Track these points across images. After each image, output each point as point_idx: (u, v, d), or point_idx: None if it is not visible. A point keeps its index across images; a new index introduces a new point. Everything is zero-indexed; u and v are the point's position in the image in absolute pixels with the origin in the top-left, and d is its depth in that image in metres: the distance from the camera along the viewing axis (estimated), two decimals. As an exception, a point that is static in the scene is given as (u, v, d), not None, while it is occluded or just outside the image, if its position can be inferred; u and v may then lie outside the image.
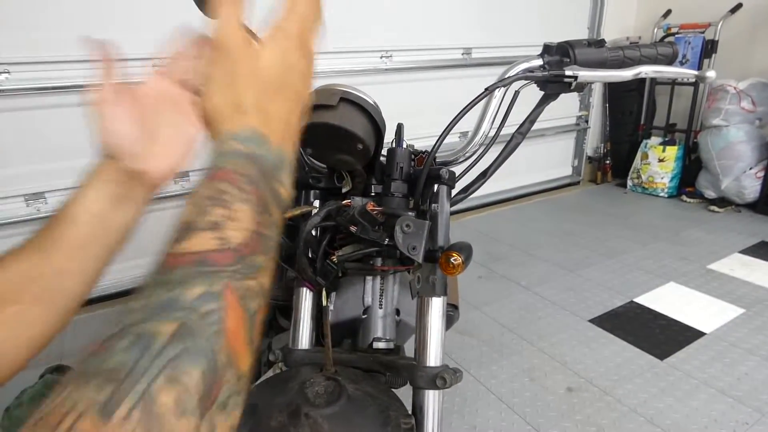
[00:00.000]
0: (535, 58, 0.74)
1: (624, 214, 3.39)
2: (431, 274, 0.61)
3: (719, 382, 1.70)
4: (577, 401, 1.64)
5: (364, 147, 0.66)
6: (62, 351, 1.98)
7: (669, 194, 3.63)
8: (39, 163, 2.12)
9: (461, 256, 0.56)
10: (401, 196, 0.65)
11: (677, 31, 3.55)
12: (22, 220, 2.12)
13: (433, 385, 0.60)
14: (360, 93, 0.69)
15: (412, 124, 1.03)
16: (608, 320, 2.11)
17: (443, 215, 0.62)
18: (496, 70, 0.77)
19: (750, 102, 3.18)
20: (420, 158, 0.71)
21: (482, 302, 2.28)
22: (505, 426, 1.55)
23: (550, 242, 2.95)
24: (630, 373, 1.77)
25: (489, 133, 0.73)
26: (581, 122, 3.97)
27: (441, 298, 0.62)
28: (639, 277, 2.48)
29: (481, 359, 1.88)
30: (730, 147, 3.21)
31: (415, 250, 0.56)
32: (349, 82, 0.75)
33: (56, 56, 2.01)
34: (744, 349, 1.87)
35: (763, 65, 3.29)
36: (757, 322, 2.04)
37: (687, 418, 1.55)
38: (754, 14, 3.28)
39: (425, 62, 3.00)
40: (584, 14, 3.67)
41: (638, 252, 2.76)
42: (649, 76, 0.77)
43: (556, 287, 2.40)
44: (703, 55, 3.38)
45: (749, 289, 2.30)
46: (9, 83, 1.96)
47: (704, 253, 2.70)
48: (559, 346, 1.94)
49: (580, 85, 0.71)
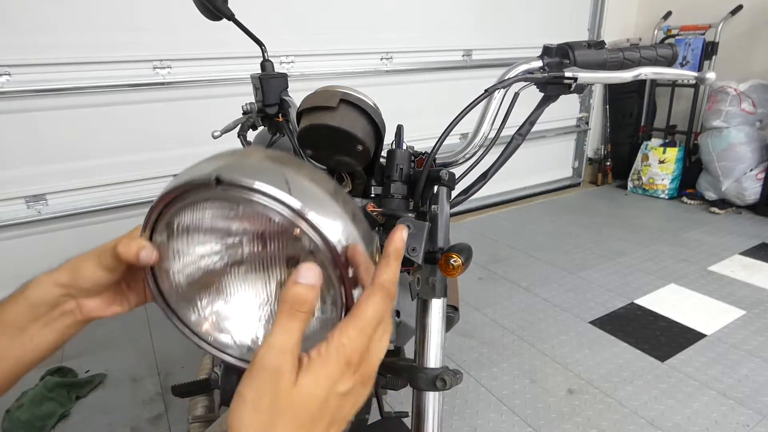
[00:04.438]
0: (535, 59, 0.74)
1: (624, 216, 3.39)
2: (431, 276, 0.61)
3: (720, 384, 1.69)
4: (577, 403, 1.64)
5: (364, 148, 0.66)
6: (62, 353, 1.98)
7: (669, 196, 3.63)
8: (39, 165, 2.12)
9: (461, 257, 0.56)
10: (401, 198, 0.65)
11: (677, 32, 3.55)
12: (22, 221, 2.12)
13: (434, 387, 0.60)
14: (360, 94, 0.69)
15: (412, 125, 1.03)
16: (609, 322, 2.10)
17: (443, 216, 0.62)
18: (496, 71, 0.77)
19: (750, 104, 3.18)
20: (420, 160, 0.71)
21: (483, 304, 2.28)
22: (506, 428, 1.55)
23: (551, 244, 2.95)
24: (631, 375, 1.77)
25: (489, 135, 0.73)
26: (582, 124, 3.97)
27: (441, 299, 0.62)
28: (640, 278, 2.47)
29: (482, 361, 1.87)
30: (731, 149, 3.21)
31: (415, 252, 0.56)
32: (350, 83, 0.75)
33: (57, 58, 2.02)
34: (745, 350, 1.87)
35: (763, 67, 3.29)
36: (758, 324, 2.03)
37: (688, 420, 1.55)
38: (755, 16, 3.28)
39: (425, 64, 3.00)
40: (584, 16, 3.67)
41: (639, 254, 2.75)
42: (649, 77, 0.77)
43: (556, 289, 2.40)
44: (703, 57, 3.38)
45: (750, 291, 2.30)
46: (10, 85, 1.97)
47: (705, 255, 2.69)
48: (560, 348, 1.94)
49: (580, 86, 0.71)
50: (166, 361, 1.93)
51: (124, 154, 2.28)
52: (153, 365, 1.91)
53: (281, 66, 2.53)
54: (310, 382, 0.32)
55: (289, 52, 2.53)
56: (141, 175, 2.33)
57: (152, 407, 1.69)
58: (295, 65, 2.57)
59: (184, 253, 0.44)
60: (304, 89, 0.80)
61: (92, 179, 2.23)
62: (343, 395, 0.34)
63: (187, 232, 0.43)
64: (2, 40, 1.92)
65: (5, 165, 2.06)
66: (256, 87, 0.88)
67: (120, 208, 2.30)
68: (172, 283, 0.46)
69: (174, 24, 2.19)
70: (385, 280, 0.37)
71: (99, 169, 2.24)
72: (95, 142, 2.21)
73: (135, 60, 2.18)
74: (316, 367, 0.33)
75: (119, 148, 2.26)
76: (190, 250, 0.44)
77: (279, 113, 0.89)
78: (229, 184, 0.38)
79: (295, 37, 2.52)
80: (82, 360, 1.93)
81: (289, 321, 0.32)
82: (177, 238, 0.43)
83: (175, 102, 2.33)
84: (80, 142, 2.18)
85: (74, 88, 2.07)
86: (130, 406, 1.70)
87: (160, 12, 2.16)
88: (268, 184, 0.37)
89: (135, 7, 2.12)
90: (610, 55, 0.75)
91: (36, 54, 1.99)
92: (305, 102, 0.69)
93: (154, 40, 2.19)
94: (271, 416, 0.31)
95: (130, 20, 2.13)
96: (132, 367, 1.90)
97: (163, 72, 2.25)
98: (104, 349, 2.01)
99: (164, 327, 2.17)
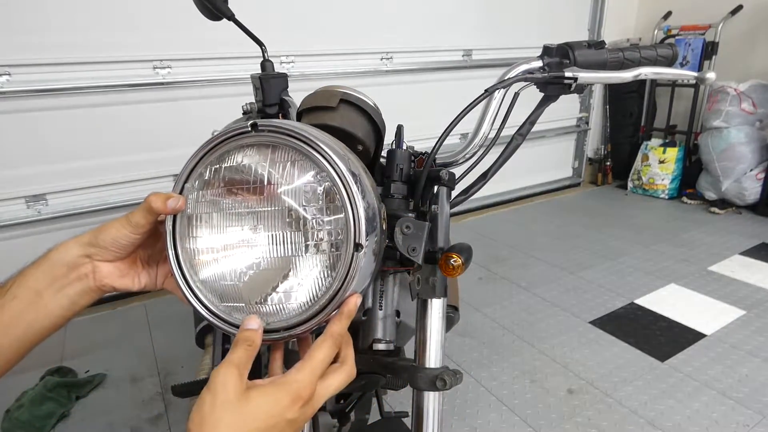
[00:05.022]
0: (535, 59, 0.74)
1: (624, 216, 3.39)
2: (431, 276, 0.61)
3: (720, 384, 1.69)
4: (577, 403, 1.64)
5: (364, 148, 0.66)
6: (62, 353, 1.98)
7: (669, 196, 3.63)
8: (39, 165, 2.12)
9: (461, 257, 0.56)
10: (401, 198, 0.65)
11: (677, 32, 3.55)
12: (22, 221, 2.12)
13: (433, 387, 0.60)
14: (360, 94, 0.69)
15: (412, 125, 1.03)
16: (609, 322, 2.10)
17: (443, 216, 0.62)
18: (496, 71, 0.77)
19: (750, 104, 3.18)
20: (420, 160, 0.71)
21: (483, 304, 2.28)
22: (506, 428, 1.55)
23: (551, 244, 2.95)
24: (631, 375, 1.77)
25: (489, 135, 0.73)
26: (582, 124, 3.97)
27: (441, 299, 0.62)
28: (640, 278, 2.47)
29: (482, 361, 1.87)
30: (731, 149, 3.21)
31: (415, 252, 0.56)
32: (350, 83, 0.75)
33: (57, 59, 2.02)
34: (745, 350, 1.87)
35: (763, 67, 3.29)
36: (758, 324, 2.03)
37: (688, 419, 1.55)
38: (755, 16, 3.28)
39: (425, 64, 3.00)
40: (584, 16, 3.67)
41: (639, 254, 2.76)
42: (649, 77, 0.77)
43: (556, 289, 2.40)
44: (703, 57, 3.38)
45: (750, 291, 2.30)
46: (10, 85, 1.97)
47: (705, 255, 2.69)
48: (560, 348, 1.94)
49: (580, 86, 0.71)
50: (166, 361, 1.93)
51: (124, 154, 2.28)
52: (153, 365, 1.91)
53: (281, 66, 2.53)
54: (259, 398, 0.40)
55: (289, 52, 2.53)
56: (141, 175, 2.33)
57: (152, 407, 1.69)
58: (295, 65, 2.57)
59: (212, 193, 0.49)
60: (304, 89, 0.80)
61: (92, 179, 2.24)
62: (289, 421, 0.41)
63: (219, 175, 0.48)
64: (2, 40, 1.92)
65: (5, 165, 2.06)
66: (256, 87, 0.88)
67: (120, 208, 2.30)
68: (192, 231, 0.49)
69: (174, 24, 2.19)
70: (334, 332, 0.46)
71: (99, 169, 2.24)
72: (95, 142, 2.21)
73: (135, 60, 2.18)
74: (269, 390, 0.41)
75: (119, 148, 2.26)
76: (215, 195, 0.49)
77: (279, 113, 0.88)
78: (266, 127, 0.46)
79: (295, 37, 2.52)
80: (82, 360, 1.93)
81: (240, 350, 0.42)
82: (207, 184, 0.49)
83: (175, 102, 2.33)
84: (80, 142, 2.18)
85: (74, 88, 2.08)
86: (130, 406, 1.70)
87: (160, 12, 2.16)
88: (297, 128, 0.46)
89: (135, 7, 2.12)
90: (610, 55, 0.75)
91: (36, 54, 1.99)
92: (305, 102, 0.69)
93: (154, 40, 2.19)
94: (223, 416, 0.38)
95: (130, 20, 2.13)
96: (132, 367, 1.90)
97: (163, 72, 2.25)
98: (104, 349, 2.01)
99: (164, 327, 2.17)
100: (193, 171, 0.49)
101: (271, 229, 0.48)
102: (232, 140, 0.47)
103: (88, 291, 0.50)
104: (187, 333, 1.80)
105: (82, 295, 0.50)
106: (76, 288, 0.49)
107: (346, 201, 0.45)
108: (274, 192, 0.47)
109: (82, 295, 0.50)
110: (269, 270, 0.48)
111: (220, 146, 0.48)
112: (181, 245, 0.49)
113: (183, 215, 0.49)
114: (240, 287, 0.49)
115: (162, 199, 0.47)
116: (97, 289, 0.51)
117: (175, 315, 2.22)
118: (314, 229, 0.47)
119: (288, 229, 0.48)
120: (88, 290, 0.50)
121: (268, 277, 0.49)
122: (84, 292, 0.50)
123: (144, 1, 2.13)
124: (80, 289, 0.50)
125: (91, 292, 0.51)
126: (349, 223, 0.45)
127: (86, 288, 0.50)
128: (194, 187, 0.49)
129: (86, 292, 0.50)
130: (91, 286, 0.50)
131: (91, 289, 0.50)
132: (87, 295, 0.50)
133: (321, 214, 0.47)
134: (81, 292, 0.50)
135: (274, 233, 0.48)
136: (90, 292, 0.51)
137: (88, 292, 0.50)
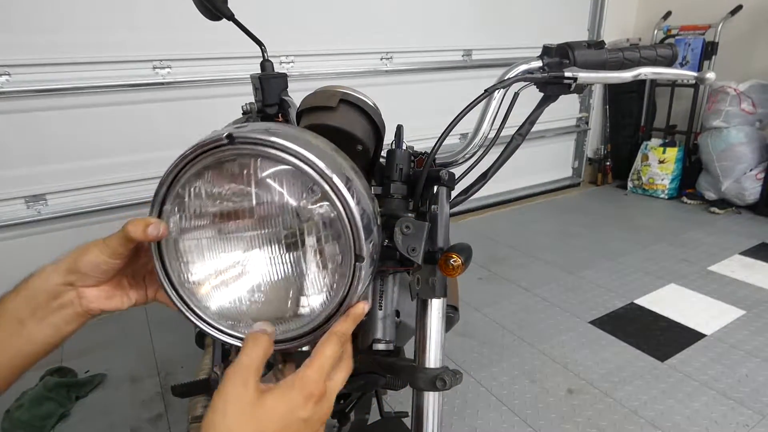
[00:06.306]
0: (535, 59, 0.74)
1: (624, 216, 3.39)
2: (431, 276, 0.61)
3: (720, 384, 1.69)
4: (577, 403, 1.64)
5: (364, 148, 0.66)
6: (62, 353, 1.98)
7: (669, 196, 3.63)
8: (39, 165, 2.12)
9: (461, 257, 0.56)
10: (401, 198, 0.65)
11: (677, 32, 3.55)
12: (22, 222, 2.12)
13: (433, 387, 0.60)
14: (360, 94, 0.69)
15: (412, 125, 1.03)
16: (609, 322, 2.10)
17: (443, 216, 0.62)
18: (496, 71, 0.77)
19: (750, 104, 3.18)
20: (420, 160, 0.71)
21: (482, 304, 2.28)
22: (506, 428, 1.55)
23: (551, 244, 2.95)
24: (630, 374, 1.77)
25: (489, 135, 0.73)
26: (581, 124, 3.97)
27: (441, 299, 0.62)
28: (639, 278, 2.47)
29: (482, 361, 1.87)
30: (731, 149, 3.21)
31: (415, 252, 0.56)
32: (349, 83, 0.75)
33: (57, 58, 2.02)
34: (745, 350, 1.87)
35: (763, 67, 3.29)
36: (758, 324, 2.03)
37: (688, 419, 1.55)
38: (754, 16, 3.28)
39: (425, 64, 3.00)
40: (584, 16, 3.67)
41: (639, 253, 2.75)
42: (649, 77, 0.77)
43: (556, 289, 2.40)
44: (703, 57, 3.38)
45: (750, 291, 2.30)
46: (9, 85, 1.97)
47: (705, 255, 2.69)
48: (560, 348, 1.94)
49: (579, 86, 0.71)
50: (165, 361, 1.93)
51: (124, 154, 2.28)
52: (153, 365, 1.91)
53: (281, 66, 2.53)
54: (273, 401, 0.39)
55: (289, 52, 2.53)
56: (141, 175, 2.32)
57: (152, 407, 1.69)
58: (295, 65, 2.57)
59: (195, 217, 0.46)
60: (304, 89, 0.80)
61: (92, 179, 2.23)
62: (304, 420, 0.40)
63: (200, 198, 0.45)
64: (2, 40, 1.92)
65: (5, 165, 2.06)
66: (256, 87, 0.88)
67: (120, 208, 2.30)
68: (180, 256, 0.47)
69: (174, 24, 2.18)
70: (338, 330, 0.45)
71: (99, 169, 2.24)
72: (95, 142, 2.20)
73: (134, 60, 2.18)
74: (281, 391, 0.40)
75: (119, 148, 2.26)
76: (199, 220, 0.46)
77: (279, 113, 0.88)
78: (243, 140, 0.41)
79: (294, 37, 2.52)
80: (82, 360, 1.93)
81: (253, 348, 0.41)
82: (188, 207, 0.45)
83: (175, 102, 2.33)
84: (80, 142, 2.18)
85: (74, 88, 2.07)
86: (130, 406, 1.70)
87: (159, 12, 2.16)
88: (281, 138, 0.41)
89: (135, 7, 2.12)
90: (609, 55, 0.75)
91: (36, 54, 1.98)
92: (305, 102, 0.69)
93: (154, 40, 2.19)
94: (237, 422, 0.37)
95: (130, 20, 2.12)
96: (132, 367, 1.90)
97: (163, 72, 2.25)
98: (104, 349, 2.01)
99: (164, 327, 2.17)
100: (169, 190, 0.44)
101: (267, 251, 0.46)
102: (208, 154, 0.42)
103: (75, 317, 0.48)
104: (187, 333, 1.80)
105: (68, 322, 0.48)
106: (60, 316, 0.48)
107: (343, 214, 0.43)
108: (264, 213, 0.45)
109: (68, 322, 0.48)
110: (271, 291, 0.47)
111: (196, 161, 0.43)
112: (171, 267, 0.47)
113: (168, 240, 0.46)
114: (243, 310, 0.48)
115: (141, 227, 0.44)
116: (85, 314, 0.49)
117: (175, 315, 2.20)
118: (312, 247, 0.46)
119: (285, 249, 0.46)
120: (75, 316, 0.48)
121: (271, 298, 0.47)
122: (71, 319, 0.48)
123: (144, 1, 2.13)
124: (65, 317, 0.48)
125: (79, 317, 0.49)
126: (349, 239, 0.43)
127: (72, 314, 0.48)
128: (174, 212, 0.45)
129: (73, 318, 0.48)
130: (79, 312, 0.48)
131: (78, 315, 0.49)
132: (75, 320, 0.49)
133: (317, 231, 0.45)
134: (67, 319, 0.48)
135: (271, 255, 0.46)
136: (78, 318, 0.49)
137: (75, 318, 0.49)
